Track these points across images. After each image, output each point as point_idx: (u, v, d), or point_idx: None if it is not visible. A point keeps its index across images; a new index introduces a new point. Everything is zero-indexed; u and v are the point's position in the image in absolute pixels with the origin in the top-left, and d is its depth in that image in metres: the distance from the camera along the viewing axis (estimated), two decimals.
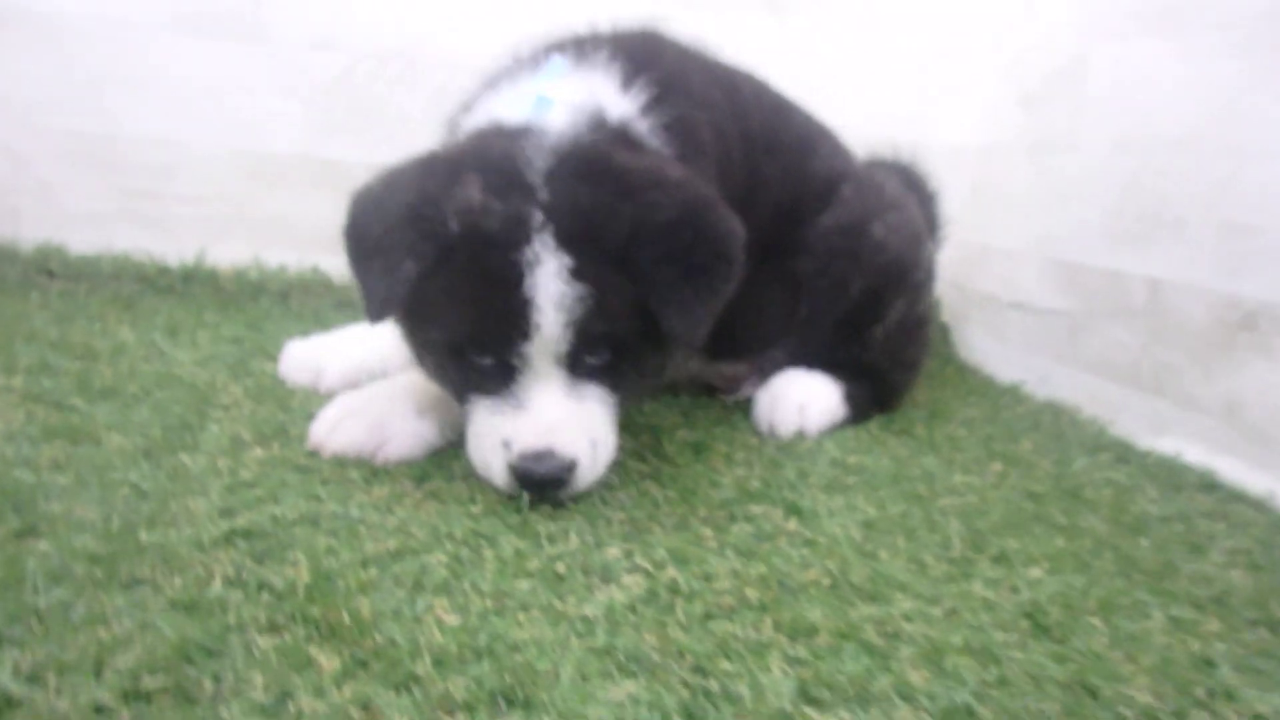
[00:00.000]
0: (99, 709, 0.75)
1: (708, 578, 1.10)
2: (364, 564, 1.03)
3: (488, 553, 1.10)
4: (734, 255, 1.31)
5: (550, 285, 1.21)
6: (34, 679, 0.78)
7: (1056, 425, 2.01)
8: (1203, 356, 1.85)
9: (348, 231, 1.32)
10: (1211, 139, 1.87)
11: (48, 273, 2.13)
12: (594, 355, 1.28)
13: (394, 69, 2.39)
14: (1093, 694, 0.95)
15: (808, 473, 1.49)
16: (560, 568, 1.09)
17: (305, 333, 1.78)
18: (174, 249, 2.30)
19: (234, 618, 0.89)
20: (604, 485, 1.32)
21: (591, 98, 1.42)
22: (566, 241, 1.22)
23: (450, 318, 1.28)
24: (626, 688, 0.86)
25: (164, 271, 2.25)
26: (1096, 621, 1.10)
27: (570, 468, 1.24)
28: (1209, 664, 1.04)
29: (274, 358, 1.75)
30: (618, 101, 1.44)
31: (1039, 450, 1.79)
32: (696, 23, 1.75)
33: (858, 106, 2.24)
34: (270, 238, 2.37)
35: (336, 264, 1.80)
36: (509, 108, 1.42)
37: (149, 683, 0.79)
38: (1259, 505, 1.61)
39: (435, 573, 1.04)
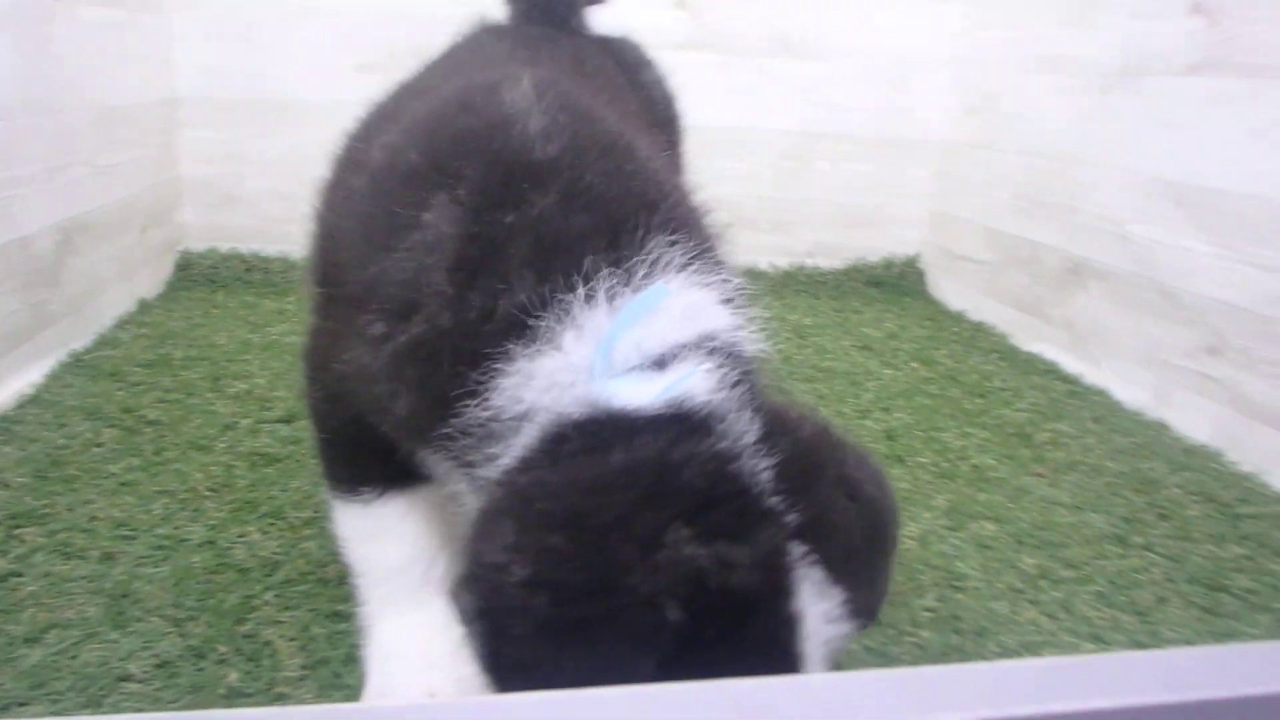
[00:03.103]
0: None
1: None
2: None
3: None
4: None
5: (821, 633, 0.84)
6: None
7: (974, 339, 3.04)
8: (1055, 291, 2.88)
9: (483, 616, 0.81)
10: (1065, 151, 2.88)
11: None
12: None
13: None
14: (900, 460, 2.03)
15: (795, 372, 2.58)
16: None
17: None
18: None
19: None
20: None
21: (693, 322, 0.93)
22: (832, 571, 0.86)
23: None
24: None
25: None
26: (919, 433, 2.18)
27: None
28: (965, 448, 2.10)
29: None
30: (717, 316, 0.97)
31: (950, 355, 2.85)
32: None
33: (857, 107, 3.59)
34: None
35: None
36: (617, 390, 0.88)
37: None
38: (1070, 380, 2.63)
39: None
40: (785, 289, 3.58)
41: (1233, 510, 1.85)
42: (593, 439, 0.86)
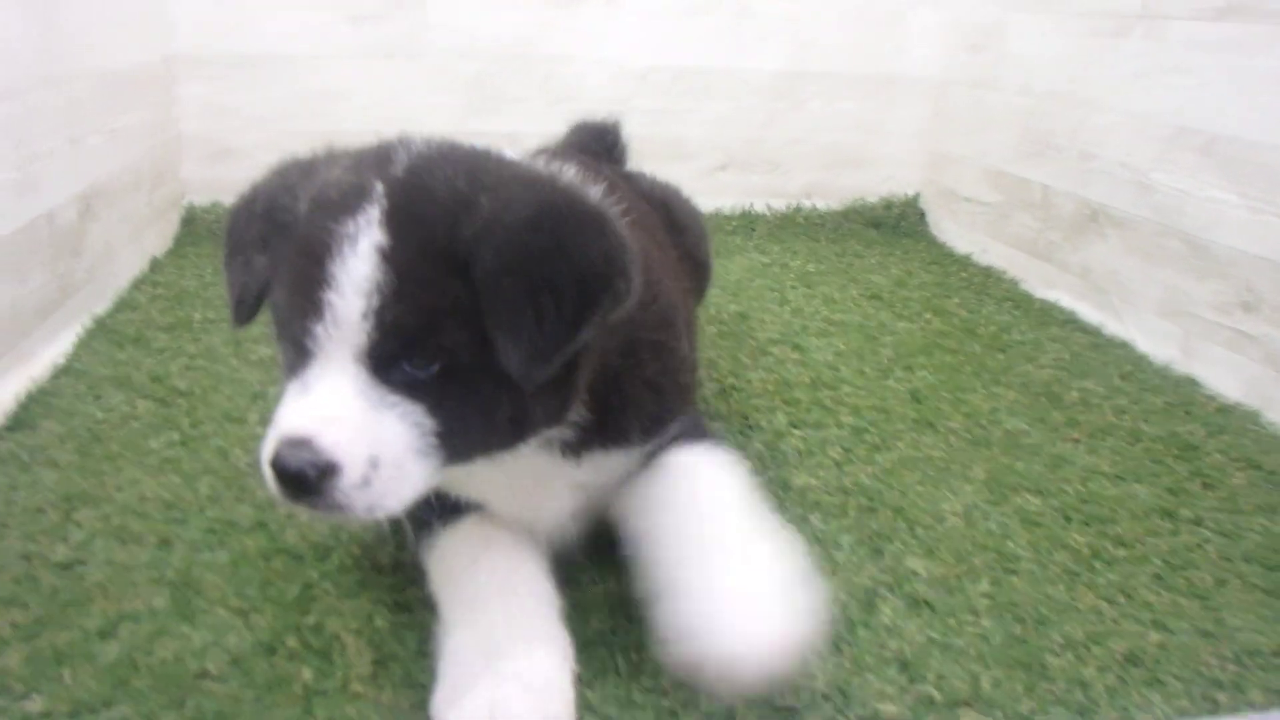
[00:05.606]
0: None
1: (749, 382, 2.19)
2: None
3: None
4: (604, 280, 1.08)
5: (355, 263, 1.04)
6: None
7: (984, 285, 3.04)
8: (1070, 237, 2.88)
9: (224, 235, 1.18)
10: (1075, 94, 2.85)
11: None
12: (416, 364, 1.07)
13: (513, 66, 3.42)
14: (930, 425, 2.02)
15: (808, 326, 2.57)
16: None
17: None
18: None
19: None
20: None
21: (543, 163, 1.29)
22: (390, 218, 1.06)
23: (276, 297, 1.14)
24: None
25: None
26: (946, 394, 2.17)
27: (326, 471, 1.02)
28: (995, 411, 2.10)
29: None
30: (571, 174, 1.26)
31: (963, 304, 2.84)
32: None
33: (848, 44, 3.56)
34: None
35: None
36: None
37: None
38: (1091, 331, 2.65)
39: None
40: (784, 231, 3.57)
41: (1279, 478, 1.86)
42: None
